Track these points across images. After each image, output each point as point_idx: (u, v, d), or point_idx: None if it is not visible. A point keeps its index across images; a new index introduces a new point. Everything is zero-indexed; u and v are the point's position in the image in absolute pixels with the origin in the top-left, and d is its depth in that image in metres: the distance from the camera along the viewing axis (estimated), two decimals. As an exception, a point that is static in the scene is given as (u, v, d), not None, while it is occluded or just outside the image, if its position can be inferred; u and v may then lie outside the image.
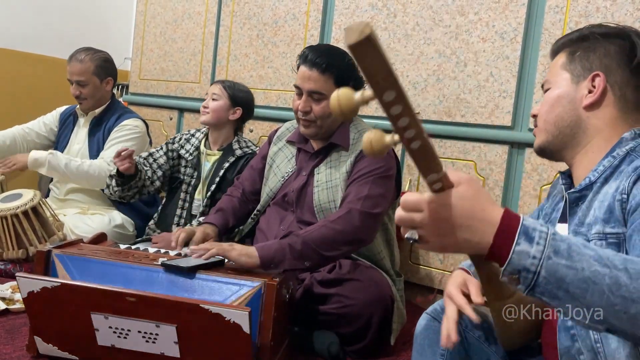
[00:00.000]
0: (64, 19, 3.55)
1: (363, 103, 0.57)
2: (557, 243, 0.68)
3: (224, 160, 2.20)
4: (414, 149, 0.60)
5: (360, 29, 0.49)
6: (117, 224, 2.38)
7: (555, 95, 1.02)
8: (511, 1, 2.05)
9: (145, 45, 3.29)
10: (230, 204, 1.90)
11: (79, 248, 1.49)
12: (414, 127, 0.57)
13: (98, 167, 2.36)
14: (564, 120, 1.00)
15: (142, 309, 1.27)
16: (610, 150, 0.95)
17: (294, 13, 2.64)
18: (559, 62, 1.03)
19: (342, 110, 0.57)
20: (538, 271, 0.68)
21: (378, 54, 0.50)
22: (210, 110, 2.20)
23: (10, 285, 1.89)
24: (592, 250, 0.69)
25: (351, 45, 0.50)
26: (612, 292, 0.67)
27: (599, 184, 0.93)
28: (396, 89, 0.54)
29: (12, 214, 2.03)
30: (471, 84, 2.13)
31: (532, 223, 0.70)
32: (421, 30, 2.25)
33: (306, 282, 1.62)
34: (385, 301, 1.61)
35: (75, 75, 2.46)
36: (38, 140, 2.59)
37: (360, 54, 0.50)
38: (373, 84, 0.54)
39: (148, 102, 3.25)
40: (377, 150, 0.60)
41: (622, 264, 0.68)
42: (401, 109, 0.55)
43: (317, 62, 1.65)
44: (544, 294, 0.69)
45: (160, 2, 3.22)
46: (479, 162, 2.11)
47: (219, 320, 1.25)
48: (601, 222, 0.87)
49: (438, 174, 0.66)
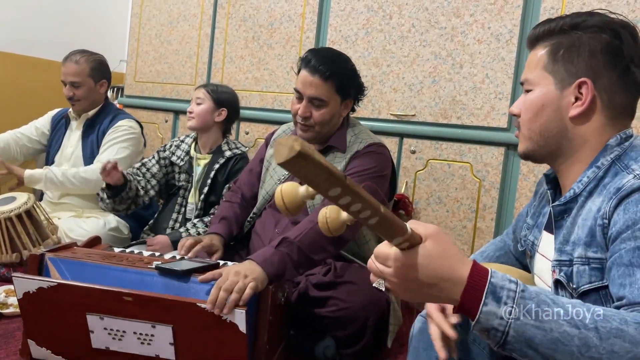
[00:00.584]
0: (59, 22, 3.54)
1: (308, 198, 0.57)
2: (525, 302, 0.68)
3: (214, 163, 2.20)
4: (373, 224, 0.60)
5: (289, 145, 0.48)
6: (111, 227, 2.37)
7: (540, 102, 0.95)
8: (506, 3, 2.05)
9: (141, 48, 3.28)
10: (232, 212, 1.87)
11: (72, 251, 1.48)
12: (367, 209, 0.57)
13: (94, 170, 2.35)
14: (549, 130, 0.94)
15: (138, 309, 1.27)
16: (594, 159, 0.91)
17: (289, 15, 2.63)
18: (540, 61, 0.95)
19: (286, 207, 0.58)
20: (507, 331, 0.68)
21: (313, 163, 0.50)
22: (195, 115, 2.20)
23: (4, 289, 1.88)
24: (562, 308, 0.68)
25: (282, 163, 0.49)
26: (582, 354, 0.66)
27: (583, 197, 0.90)
28: (339, 184, 0.53)
29: (5, 218, 2.01)
30: (467, 85, 2.13)
31: (500, 280, 0.69)
32: (417, 32, 2.25)
33: (301, 286, 1.60)
34: (381, 304, 1.60)
35: (70, 77, 2.45)
36: (30, 144, 2.57)
37: (295, 167, 0.50)
38: (315, 187, 0.53)
39: (143, 105, 3.24)
40: (333, 228, 0.61)
41: (592, 323, 0.67)
42: (350, 199, 0.55)
43: (320, 69, 1.63)
44: (514, 351, 0.69)
45: (155, 5, 3.21)
46: (475, 164, 2.11)
47: (215, 319, 1.24)
48: (583, 245, 0.85)
49: (403, 236, 0.66)
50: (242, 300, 1.26)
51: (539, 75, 0.95)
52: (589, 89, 0.90)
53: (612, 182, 0.85)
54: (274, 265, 1.39)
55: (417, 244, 0.69)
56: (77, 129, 2.53)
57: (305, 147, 0.49)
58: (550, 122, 0.94)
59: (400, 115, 2.28)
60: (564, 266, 0.88)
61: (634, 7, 1.83)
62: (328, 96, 1.66)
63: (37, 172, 2.33)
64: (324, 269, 1.63)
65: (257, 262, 1.38)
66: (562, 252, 0.90)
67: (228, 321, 1.24)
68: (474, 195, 2.11)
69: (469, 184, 2.12)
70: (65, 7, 3.58)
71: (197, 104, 2.22)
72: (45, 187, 2.37)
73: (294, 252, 1.45)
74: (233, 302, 1.25)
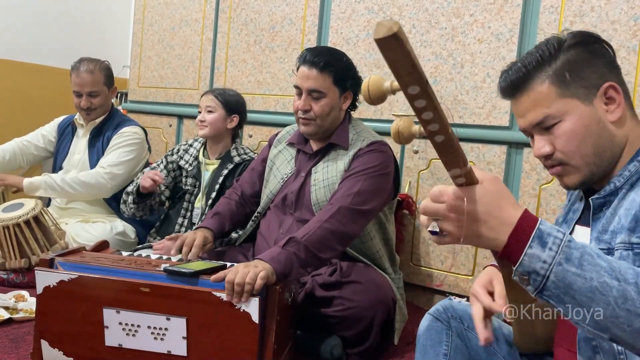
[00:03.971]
0: (62, 29, 3.57)
1: (391, 92, 0.60)
2: (570, 250, 0.70)
3: (222, 168, 2.21)
4: (437, 142, 0.63)
5: (389, 25, 0.51)
6: (118, 232, 2.39)
7: (581, 126, 0.92)
8: (506, 2, 2.06)
9: (144, 53, 3.30)
10: (228, 208, 1.89)
11: (81, 256, 1.50)
12: (437, 122, 0.60)
13: (94, 175, 2.37)
14: (602, 146, 0.93)
15: (155, 301, 1.32)
16: (636, 154, 0.93)
17: (290, 18, 2.65)
18: (551, 94, 0.93)
19: (370, 95, 0.61)
20: (547, 275, 0.69)
21: (404, 51, 0.52)
22: (208, 124, 2.20)
23: (13, 295, 1.90)
24: (606, 262, 0.70)
25: (377, 39, 0.51)
26: (618, 305, 0.68)
27: (625, 189, 0.91)
28: (420, 84, 0.55)
29: (14, 224, 2.04)
30: (468, 85, 2.14)
31: (548, 228, 0.71)
32: (417, 32, 2.26)
33: (308, 286, 1.62)
34: (387, 302, 1.62)
35: (88, 87, 2.44)
36: (37, 152, 2.59)
37: (386, 48, 0.52)
38: (397, 77, 0.56)
39: (147, 110, 3.26)
40: (403, 137, 0.63)
41: (633, 278, 0.69)
42: (425, 103, 0.57)
43: (315, 61, 1.68)
44: (551, 297, 0.71)
45: (157, 10, 3.23)
46: (478, 162, 2.12)
47: (229, 308, 1.29)
48: (627, 231, 0.86)
49: (461, 169, 0.67)
50: (255, 289, 1.30)
51: (561, 104, 0.93)
52: (617, 89, 0.93)
53: None
54: (281, 264, 1.41)
55: (474, 183, 0.72)
56: (84, 136, 2.55)
57: (402, 32, 0.51)
58: (601, 138, 0.93)
59: (402, 115, 2.29)
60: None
61: (632, 4, 1.84)
62: (326, 87, 1.70)
63: (36, 180, 2.33)
64: (330, 269, 1.65)
65: (265, 260, 1.41)
66: (601, 241, 0.91)
67: (242, 310, 1.30)
68: (477, 193, 2.12)
69: (472, 183, 2.13)
70: (68, 14, 3.61)
71: (207, 112, 2.22)
72: (46, 194, 2.38)
73: (301, 251, 1.47)
74: (248, 289, 1.29)
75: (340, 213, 1.57)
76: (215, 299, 1.30)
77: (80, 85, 2.44)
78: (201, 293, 1.32)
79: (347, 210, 1.58)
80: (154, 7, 3.25)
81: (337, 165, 1.73)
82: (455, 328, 1.18)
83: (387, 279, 1.73)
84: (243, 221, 1.93)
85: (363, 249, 1.76)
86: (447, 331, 1.17)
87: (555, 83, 0.93)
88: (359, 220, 1.61)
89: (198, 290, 1.33)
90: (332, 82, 1.70)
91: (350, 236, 1.60)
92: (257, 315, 1.28)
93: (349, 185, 1.64)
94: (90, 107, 2.47)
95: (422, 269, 2.27)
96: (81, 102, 2.46)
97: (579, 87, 0.92)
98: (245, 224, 1.94)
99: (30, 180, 2.33)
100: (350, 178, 1.66)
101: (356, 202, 1.60)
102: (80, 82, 2.44)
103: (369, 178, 1.65)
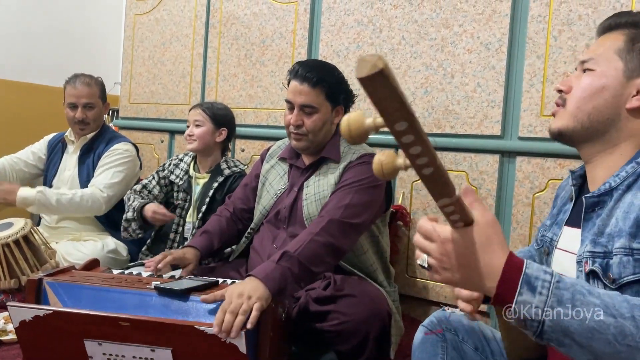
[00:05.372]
0: (52, 47, 3.57)
1: (374, 129, 0.55)
2: (560, 292, 0.69)
3: (212, 181, 2.20)
4: (426, 174, 0.60)
5: (373, 61, 0.47)
6: (110, 249, 2.36)
7: (600, 84, 0.93)
8: (494, 12, 2.07)
9: (135, 69, 3.30)
10: (218, 225, 1.87)
11: (70, 275, 1.47)
12: (426, 155, 0.57)
13: (90, 196, 2.34)
14: (601, 114, 0.93)
15: (136, 334, 1.26)
16: (635, 155, 0.92)
17: (280, 32, 2.66)
18: (614, 44, 0.94)
19: (351, 135, 0.56)
20: (542, 320, 0.69)
21: (391, 87, 0.49)
22: (196, 138, 2.20)
23: (2, 316, 1.86)
24: (598, 298, 0.69)
25: (362, 78, 0.48)
26: (618, 342, 0.67)
27: (621, 191, 0.90)
28: (408, 120, 0.52)
29: (3, 244, 2.01)
30: (459, 95, 2.14)
31: (535, 271, 0.70)
32: (407, 44, 2.27)
33: (301, 301, 1.60)
34: (382, 316, 1.59)
35: (84, 98, 2.44)
36: (27, 169, 2.57)
37: (371, 87, 0.49)
38: (384, 115, 0.53)
39: (139, 126, 3.25)
40: (387, 172, 0.59)
41: (629, 312, 0.68)
42: (413, 138, 0.54)
43: (307, 76, 1.67)
44: (551, 341, 0.70)
45: (147, 27, 3.24)
46: (471, 172, 2.12)
47: (215, 341, 1.23)
48: (627, 235, 0.85)
49: (450, 198, 0.65)
50: (249, 322, 1.25)
51: (609, 56, 0.94)
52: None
53: None
54: (276, 281, 1.38)
55: (467, 223, 0.70)
56: (74, 153, 2.53)
57: (388, 68, 0.47)
58: (605, 107, 0.93)
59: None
60: (598, 257, 0.88)
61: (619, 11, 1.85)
62: (318, 102, 1.69)
63: (29, 196, 2.27)
64: (324, 283, 1.62)
65: (259, 278, 1.37)
66: (596, 244, 0.89)
67: (228, 342, 1.23)
68: (471, 203, 2.11)
69: (465, 193, 2.12)
70: (58, 32, 3.60)
71: (196, 126, 2.22)
72: (38, 210, 2.35)
73: (294, 265, 1.45)
74: (239, 325, 1.24)
75: (331, 226, 1.55)
76: (200, 332, 1.23)
77: (77, 96, 2.44)
78: (184, 327, 1.26)
79: (337, 223, 1.56)
80: (144, 23, 3.25)
81: (328, 179, 1.72)
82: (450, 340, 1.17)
83: (382, 291, 1.71)
84: (234, 238, 1.91)
85: (357, 262, 1.74)
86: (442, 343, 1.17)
87: (627, 42, 0.94)
88: (349, 233, 1.59)
89: (181, 325, 1.26)
90: (324, 97, 1.69)
91: (342, 250, 1.58)
92: (244, 347, 1.23)
93: (339, 198, 1.62)
94: (85, 119, 2.45)
95: (417, 281, 2.26)
96: (76, 114, 2.44)
97: (637, 59, 0.92)
98: (237, 240, 1.92)
99: (24, 196, 2.27)
100: (341, 190, 1.65)
101: (347, 215, 1.58)
102: (77, 94, 2.44)
103: (359, 191, 1.63)
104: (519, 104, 2.03)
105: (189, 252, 1.73)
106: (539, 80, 1.98)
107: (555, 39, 1.95)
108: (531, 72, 1.99)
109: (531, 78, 1.99)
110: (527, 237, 1.99)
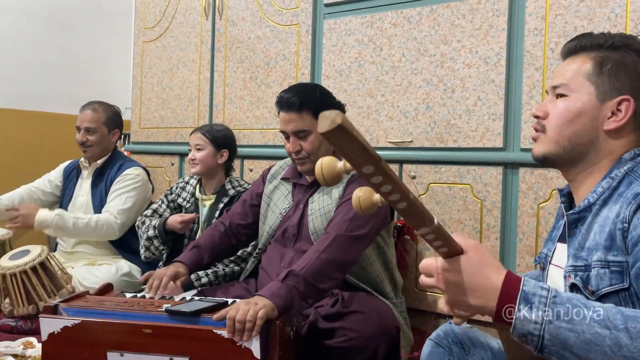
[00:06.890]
0: (66, 76, 3.67)
1: (345, 172, 0.61)
2: (557, 307, 0.73)
3: (218, 202, 2.25)
4: (401, 209, 0.64)
5: (331, 117, 0.52)
6: (124, 273, 2.42)
7: (577, 110, 0.96)
8: (491, 27, 2.11)
9: (144, 95, 3.38)
10: (210, 240, 1.91)
11: (85, 300, 1.52)
12: (397, 192, 0.61)
13: (105, 221, 2.41)
14: (581, 138, 0.97)
15: (157, 342, 1.35)
16: (609, 171, 0.95)
17: (284, 54, 2.72)
18: (582, 68, 0.98)
19: (324, 178, 0.61)
20: (542, 335, 0.72)
21: (351, 138, 0.54)
22: (198, 162, 2.25)
23: (21, 342, 1.91)
24: (594, 311, 0.72)
25: (324, 133, 0.53)
26: (614, 353, 0.70)
27: (598, 206, 0.93)
28: (373, 163, 0.57)
29: (20, 271, 2.06)
30: (460, 109, 2.17)
31: (532, 287, 0.74)
32: (407, 61, 2.31)
33: (311, 318, 1.63)
34: (390, 331, 1.61)
35: (86, 122, 2.55)
36: (44, 197, 2.65)
37: (334, 139, 0.54)
38: (350, 161, 0.57)
39: (149, 150, 3.32)
40: (365, 207, 0.64)
41: (623, 324, 0.71)
42: (381, 178, 0.59)
43: (291, 103, 1.72)
44: (551, 354, 0.73)
45: (155, 53, 3.32)
46: (475, 184, 2.14)
47: (230, 346, 1.31)
48: (603, 249, 0.88)
49: (428, 227, 0.69)
50: (255, 328, 1.32)
51: (580, 82, 0.97)
52: (630, 107, 0.94)
53: (627, 190, 0.89)
54: (282, 298, 1.43)
55: (457, 253, 0.75)
56: (88, 178, 2.61)
57: (346, 121, 0.52)
58: (584, 132, 0.96)
59: (397, 142, 2.32)
60: (580, 271, 0.92)
61: (615, 22, 1.88)
62: (309, 125, 1.73)
63: (48, 218, 2.36)
64: (332, 300, 1.65)
65: (265, 296, 1.42)
66: (578, 258, 0.93)
67: (243, 347, 1.32)
68: (476, 215, 2.13)
69: (470, 205, 2.15)
70: (71, 63, 3.70)
71: (197, 150, 2.27)
72: (55, 233, 2.44)
73: (300, 283, 1.48)
74: (249, 328, 1.31)
75: (337, 241, 1.59)
76: (217, 337, 1.32)
77: (81, 120, 2.58)
78: (202, 331, 1.34)
79: (343, 237, 1.60)
80: (152, 50, 3.34)
81: (332, 193, 1.76)
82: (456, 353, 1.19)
83: (390, 305, 1.73)
84: (226, 253, 1.95)
85: (363, 274, 1.77)
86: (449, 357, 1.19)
87: (595, 66, 0.96)
88: (356, 246, 1.63)
89: (199, 329, 1.35)
90: (312, 117, 1.73)
91: (349, 263, 1.62)
92: (258, 351, 1.30)
93: (344, 212, 1.66)
94: (85, 142, 2.55)
95: (427, 295, 2.27)
96: (77, 136, 2.57)
97: (607, 82, 0.95)
98: (229, 255, 1.96)
99: (42, 219, 2.35)
100: (346, 204, 1.68)
101: (351, 228, 1.62)
102: (81, 118, 2.58)
103: None
104: (519, 116, 2.05)
105: (180, 267, 1.77)
106: (538, 92, 2.00)
107: (552, 51, 1.97)
108: (530, 84, 2.02)
109: (530, 90, 2.02)
110: (533, 247, 2.00)
